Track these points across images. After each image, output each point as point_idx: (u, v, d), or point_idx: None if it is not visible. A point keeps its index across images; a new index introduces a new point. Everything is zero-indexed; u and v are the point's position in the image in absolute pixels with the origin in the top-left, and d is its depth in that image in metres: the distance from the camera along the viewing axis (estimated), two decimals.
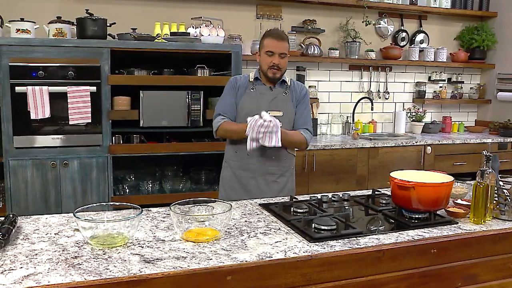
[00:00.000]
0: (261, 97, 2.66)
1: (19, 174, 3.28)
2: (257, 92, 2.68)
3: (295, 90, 2.73)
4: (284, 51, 2.59)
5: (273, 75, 2.61)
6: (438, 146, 4.55)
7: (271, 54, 2.57)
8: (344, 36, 4.76)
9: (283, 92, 2.70)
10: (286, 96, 2.70)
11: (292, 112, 2.69)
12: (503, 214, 1.99)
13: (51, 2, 3.85)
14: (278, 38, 2.58)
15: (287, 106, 2.68)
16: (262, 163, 2.64)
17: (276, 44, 2.57)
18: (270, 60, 2.58)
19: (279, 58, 2.58)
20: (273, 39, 2.58)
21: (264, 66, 2.62)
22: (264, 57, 2.61)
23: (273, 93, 2.68)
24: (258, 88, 2.69)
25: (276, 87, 2.70)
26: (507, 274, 1.91)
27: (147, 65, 3.79)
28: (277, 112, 2.62)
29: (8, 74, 3.19)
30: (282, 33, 2.65)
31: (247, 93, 2.68)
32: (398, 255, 1.68)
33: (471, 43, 5.19)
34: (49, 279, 1.33)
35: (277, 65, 2.58)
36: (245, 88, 2.70)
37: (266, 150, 2.59)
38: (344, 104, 4.94)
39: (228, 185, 2.73)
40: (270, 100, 2.65)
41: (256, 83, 2.70)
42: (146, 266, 1.43)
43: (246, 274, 1.47)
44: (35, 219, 1.90)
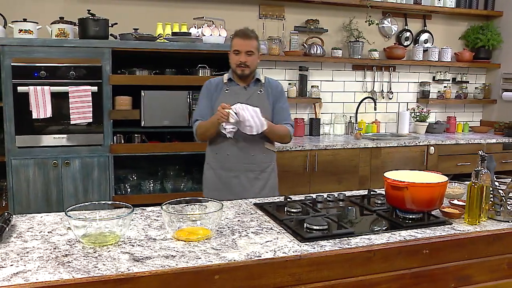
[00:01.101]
0: (236, 97, 2.68)
1: (21, 173, 3.31)
2: (231, 93, 2.73)
3: (271, 87, 2.78)
4: (250, 49, 2.64)
5: (241, 72, 2.67)
6: (441, 146, 4.52)
7: (237, 53, 2.65)
8: (347, 36, 4.75)
9: (258, 91, 2.75)
10: (261, 94, 2.75)
11: (269, 110, 2.73)
12: (498, 214, 1.97)
13: (54, 3, 3.88)
14: (244, 37, 2.65)
15: (263, 103, 2.71)
16: (242, 161, 2.69)
17: (242, 43, 2.64)
18: (237, 58, 2.65)
19: (245, 56, 2.64)
20: (239, 38, 2.65)
21: (232, 65, 2.70)
22: (232, 56, 2.69)
23: (248, 92, 2.73)
24: (232, 88, 2.74)
25: (250, 86, 2.75)
26: (502, 275, 1.89)
27: (149, 65, 3.81)
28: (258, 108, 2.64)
29: (10, 74, 3.22)
30: (249, 31, 2.70)
31: (222, 94, 2.73)
32: (389, 256, 1.67)
33: (476, 42, 5.15)
34: (38, 277, 1.34)
35: (244, 63, 2.64)
36: (220, 89, 2.75)
37: (245, 148, 2.66)
38: (347, 104, 4.92)
39: (211, 186, 2.77)
40: (245, 99, 2.68)
41: (230, 83, 2.75)
42: (134, 265, 1.44)
43: (234, 274, 1.47)
44: (30, 217, 1.92)
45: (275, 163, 2.85)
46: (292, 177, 4.03)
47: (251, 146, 2.69)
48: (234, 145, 2.68)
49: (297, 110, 4.74)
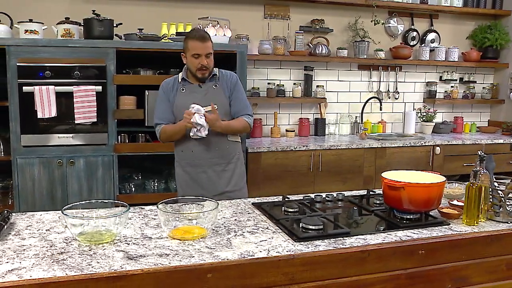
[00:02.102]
0: (193, 96, 2.71)
1: (27, 172, 3.35)
2: (187, 92, 2.74)
3: (225, 79, 2.80)
4: (210, 51, 2.66)
5: (202, 76, 2.69)
6: (447, 146, 4.49)
7: (197, 56, 2.64)
8: (352, 35, 4.73)
9: (213, 85, 2.76)
10: (216, 89, 2.76)
11: (226, 103, 2.76)
12: (497, 215, 1.96)
13: (60, 3, 3.92)
14: (201, 39, 2.64)
15: (220, 98, 2.74)
16: (207, 156, 2.73)
17: (201, 46, 2.63)
18: (198, 62, 2.64)
19: (205, 58, 2.65)
20: (197, 41, 2.63)
21: (192, 68, 2.69)
22: (191, 59, 2.67)
23: (203, 90, 2.74)
24: (188, 87, 2.75)
25: (205, 82, 2.75)
26: (501, 277, 1.88)
27: (153, 65, 3.84)
28: (210, 107, 2.66)
29: (16, 74, 3.26)
30: (204, 33, 2.71)
31: (179, 94, 2.75)
32: (384, 256, 1.67)
33: (484, 42, 5.10)
34: (32, 274, 1.36)
35: (205, 66, 2.65)
36: (176, 89, 2.76)
37: (208, 144, 2.70)
38: (353, 104, 4.91)
39: (183, 183, 2.80)
40: (202, 96, 2.71)
41: (185, 83, 2.76)
42: (128, 263, 1.45)
43: (226, 272, 1.48)
44: (30, 215, 1.94)
45: (240, 152, 2.88)
46: (296, 177, 4.03)
47: (214, 140, 2.71)
48: (198, 142, 2.70)
49: (302, 110, 4.74)
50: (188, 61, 2.72)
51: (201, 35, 2.67)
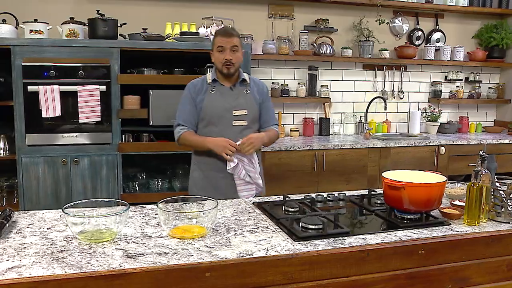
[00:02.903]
0: (223, 98, 2.67)
1: (31, 171, 3.37)
2: (217, 93, 2.68)
3: (257, 87, 2.78)
4: (235, 43, 2.61)
5: (227, 71, 2.63)
6: (452, 146, 4.47)
7: (222, 51, 2.60)
8: (357, 35, 4.72)
9: (244, 91, 2.72)
10: (247, 94, 2.72)
11: (256, 110, 2.73)
12: (499, 215, 1.95)
13: (65, 3, 3.94)
14: (226, 34, 2.61)
15: (250, 104, 2.71)
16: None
17: (225, 40, 2.59)
18: (223, 56, 2.60)
19: (230, 52, 2.60)
20: (221, 36, 2.61)
21: (218, 64, 2.64)
22: (216, 55, 2.63)
23: (235, 93, 2.70)
24: (218, 88, 2.69)
25: (236, 86, 2.71)
26: (501, 277, 1.87)
27: (157, 65, 3.85)
28: (242, 111, 2.66)
29: (21, 74, 3.28)
30: (230, 29, 2.71)
31: (208, 95, 2.68)
32: (383, 256, 1.67)
33: (490, 41, 5.07)
34: (31, 272, 1.37)
35: (230, 60, 2.60)
36: (204, 90, 2.70)
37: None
38: (358, 104, 4.90)
39: (199, 186, 2.73)
40: (233, 99, 2.67)
41: (215, 84, 2.70)
42: (127, 261, 1.46)
43: (225, 271, 1.48)
44: (32, 214, 1.96)
45: (260, 162, 2.83)
46: (300, 177, 4.03)
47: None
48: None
49: (307, 110, 4.73)
50: (214, 58, 2.67)
51: (226, 30, 2.67)
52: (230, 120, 2.65)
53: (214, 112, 2.64)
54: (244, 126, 2.68)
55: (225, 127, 2.65)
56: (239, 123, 2.67)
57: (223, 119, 2.65)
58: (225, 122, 2.65)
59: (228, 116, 2.65)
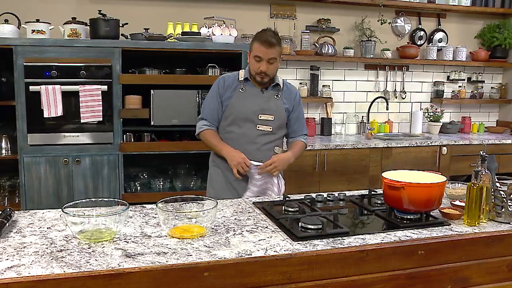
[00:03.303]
0: (252, 99, 2.60)
1: (33, 170, 3.38)
2: (247, 93, 2.61)
3: (289, 93, 2.69)
4: (273, 56, 2.49)
5: (260, 80, 2.56)
6: (454, 146, 4.46)
7: (259, 60, 2.50)
8: (359, 35, 4.72)
9: (275, 95, 2.64)
10: (278, 99, 2.64)
11: (284, 117, 2.65)
12: (499, 216, 1.94)
13: (67, 4, 3.95)
14: (267, 45, 2.47)
15: (279, 110, 2.63)
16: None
17: (265, 51, 2.47)
18: (258, 66, 2.51)
19: (267, 64, 2.50)
20: (262, 46, 2.47)
21: (252, 71, 2.57)
22: (252, 61, 2.54)
23: (265, 96, 2.62)
24: (248, 89, 2.62)
25: (268, 89, 2.64)
26: (502, 278, 1.86)
27: (159, 65, 3.86)
28: (269, 116, 2.60)
29: (22, 74, 3.29)
30: (273, 37, 2.50)
31: (237, 93, 2.61)
32: (382, 256, 1.66)
33: (492, 41, 5.06)
34: (30, 271, 1.38)
35: (265, 72, 2.51)
36: (234, 87, 2.62)
37: (257, 154, 2.60)
38: (360, 104, 4.89)
39: (218, 186, 2.69)
40: (262, 103, 2.60)
41: (246, 83, 2.63)
42: (125, 261, 1.46)
43: (223, 271, 1.48)
44: (32, 213, 1.96)
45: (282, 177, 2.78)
46: (301, 177, 4.02)
47: (261, 151, 2.61)
48: (244, 149, 2.58)
49: (308, 110, 4.73)
50: (250, 62, 2.58)
51: (268, 40, 2.47)
52: (255, 123, 2.59)
53: (240, 113, 2.58)
54: (269, 131, 2.62)
55: (249, 130, 2.59)
56: (264, 128, 2.60)
57: (248, 121, 2.58)
58: (250, 124, 2.59)
59: (253, 119, 2.59)
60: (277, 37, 2.54)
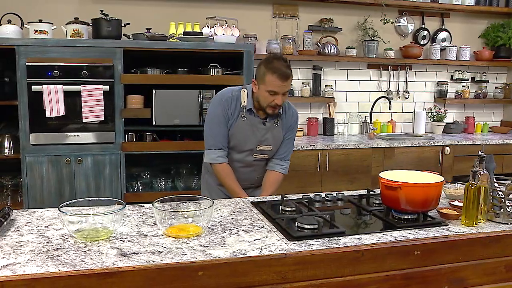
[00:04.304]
0: (253, 130, 2.52)
1: (35, 170, 3.41)
2: (248, 123, 2.50)
3: (288, 118, 2.60)
4: (288, 88, 2.39)
5: (272, 112, 2.45)
6: (457, 146, 4.44)
7: (274, 94, 2.35)
8: (362, 35, 4.71)
9: (275, 123, 2.55)
10: (277, 126, 2.57)
11: (280, 142, 2.61)
12: (497, 216, 1.93)
13: (70, 4, 3.97)
14: (284, 79, 2.32)
15: (277, 140, 2.59)
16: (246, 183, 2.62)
17: (281, 85, 2.33)
18: (272, 99, 2.37)
19: (282, 97, 2.37)
20: (278, 79, 2.31)
21: (263, 103, 2.42)
22: (264, 94, 2.38)
23: (266, 128, 2.54)
24: (250, 118, 2.51)
25: (269, 119, 2.53)
26: (499, 278, 1.85)
27: (161, 65, 3.87)
28: (267, 147, 2.57)
29: (25, 74, 3.31)
30: (287, 68, 2.34)
31: (239, 121, 2.50)
32: (378, 256, 1.66)
33: (497, 41, 5.03)
34: (25, 269, 1.39)
35: (279, 105, 2.40)
36: (237, 114, 2.50)
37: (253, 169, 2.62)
38: (362, 104, 4.88)
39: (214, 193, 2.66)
40: (262, 134, 2.54)
41: (249, 112, 2.50)
42: (120, 260, 1.47)
43: (218, 270, 1.48)
44: (31, 212, 1.97)
45: None
46: (303, 177, 4.02)
47: (255, 172, 2.64)
48: (239, 170, 2.59)
49: (311, 110, 4.73)
50: (260, 94, 2.40)
51: (284, 73, 2.31)
52: (252, 152, 2.57)
53: (240, 143, 2.54)
54: (264, 159, 2.63)
55: (246, 157, 2.58)
56: (260, 156, 2.59)
57: (246, 150, 2.56)
58: (248, 152, 2.57)
59: (252, 148, 2.56)
60: (289, 64, 2.38)
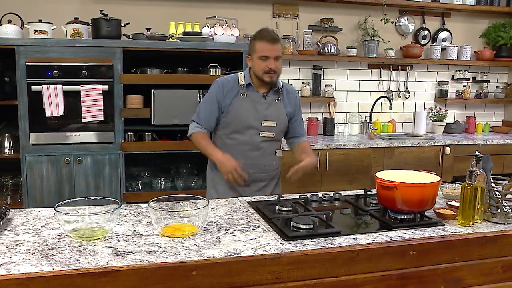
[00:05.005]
0: (254, 106, 2.55)
1: (35, 169, 3.41)
2: (248, 99, 2.56)
3: (288, 95, 2.66)
4: (279, 53, 2.48)
5: (270, 79, 2.51)
6: (458, 146, 4.43)
7: (265, 59, 2.46)
8: (362, 34, 4.70)
9: (276, 99, 2.61)
10: (278, 103, 2.61)
11: (285, 121, 2.64)
12: (494, 216, 1.93)
13: (70, 4, 3.98)
14: (271, 41, 2.45)
15: (280, 115, 2.62)
16: (254, 172, 2.60)
17: (271, 48, 2.44)
18: (265, 65, 2.46)
19: (274, 62, 2.46)
20: (267, 43, 2.45)
21: (259, 71, 2.49)
22: (257, 62, 2.48)
23: (267, 102, 2.58)
24: (250, 94, 2.57)
25: (269, 94, 2.59)
26: (496, 279, 1.85)
27: (161, 64, 3.87)
28: (271, 122, 2.58)
29: (25, 74, 3.32)
30: (274, 34, 2.51)
31: (238, 99, 2.55)
32: (373, 256, 1.66)
33: (498, 40, 5.01)
34: (20, 268, 1.39)
35: (273, 69, 2.47)
36: (235, 92, 2.56)
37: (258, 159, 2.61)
38: (363, 104, 4.87)
39: (221, 189, 2.64)
40: (264, 109, 2.57)
41: (248, 88, 2.57)
42: (115, 259, 1.47)
43: (212, 270, 1.49)
44: (28, 212, 1.98)
45: (280, 167, 2.80)
46: (303, 177, 3.97)
47: (265, 157, 2.61)
48: (247, 156, 2.57)
49: (311, 109, 4.73)
50: (254, 64, 2.51)
51: (271, 36, 2.46)
52: (258, 130, 2.56)
53: (243, 120, 2.54)
54: (271, 138, 2.61)
55: (252, 137, 2.56)
56: (266, 134, 2.58)
57: (251, 128, 2.55)
58: (253, 131, 2.56)
59: (257, 126, 2.55)
60: (277, 35, 2.53)
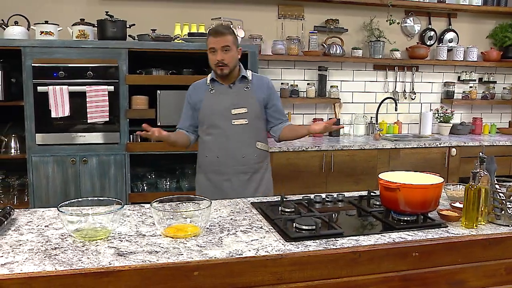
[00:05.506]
0: (222, 97, 2.64)
1: (41, 170, 3.44)
2: (216, 93, 2.66)
3: (259, 83, 2.71)
4: (226, 43, 2.52)
5: (220, 72, 2.58)
6: (464, 148, 4.41)
7: (214, 51, 2.54)
8: (367, 35, 4.69)
9: (245, 88, 2.67)
10: (247, 91, 2.67)
11: (258, 107, 2.67)
12: (498, 218, 1.91)
13: (76, 5, 4.01)
14: (216, 34, 2.53)
15: (250, 101, 2.65)
16: (233, 164, 2.64)
17: (215, 40, 2.52)
18: (214, 58, 2.55)
19: (222, 53, 2.52)
20: (211, 36, 2.54)
21: (212, 65, 2.60)
22: (209, 56, 2.58)
23: (233, 91, 2.65)
24: (217, 88, 2.67)
25: (235, 84, 2.66)
26: (499, 281, 1.84)
27: (166, 65, 3.89)
28: (241, 109, 2.62)
29: (31, 75, 3.35)
30: (222, 27, 2.61)
31: (206, 95, 2.67)
32: (375, 257, 1.65)
33: (505, 41, 4.98)
34: (22, 268, 1.40)
35: (222, 61, 2.53)
36: (203, 91, 2.69)
37: (235, 151, 2.63)
38: (368, 105, 4.86)
39: (204, 190, 2.70)
40: (232, 98, 2.64)
41: (214, 84, 2.68)
42: (117, 259, 1.48)
43: (213, 271, 1.49)
44: (32, 212, 2.00)
45: (268, 163, 2.80)
46: (308, 178, 4.02)
47: (242, 147, 2.64)
48: (224, 147, 2.63)
49: (317, 110, 4.72)
50: (209, 59, 2.62)
51: (216, 29, 2.57)
52: (229, 119, 2.62)
53: (213, 112, 2.62)
54: (245, 124, 2.64)
55: (225, 127, 2.62)
56: (239, 121, 2.63)
57: (223, 119, 2.62)
58: (225, 122, 2.62)
59: (227, 115, 2.62)
60: (227, 27, 2.63)
